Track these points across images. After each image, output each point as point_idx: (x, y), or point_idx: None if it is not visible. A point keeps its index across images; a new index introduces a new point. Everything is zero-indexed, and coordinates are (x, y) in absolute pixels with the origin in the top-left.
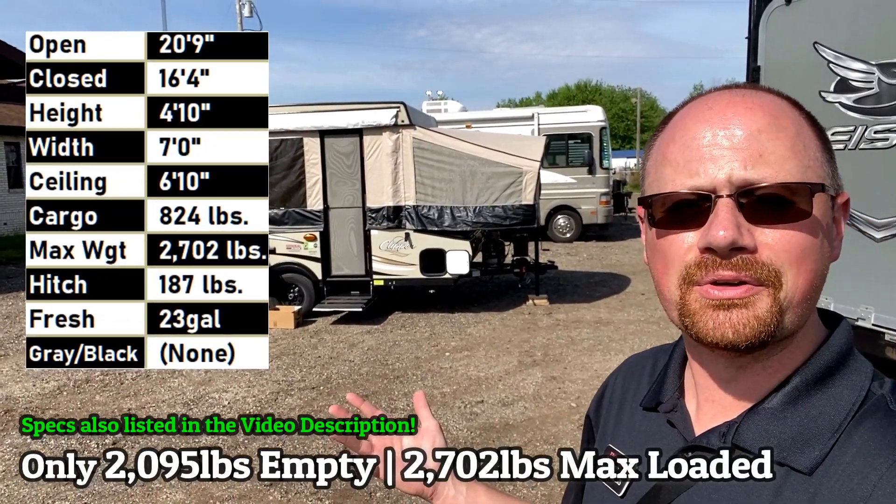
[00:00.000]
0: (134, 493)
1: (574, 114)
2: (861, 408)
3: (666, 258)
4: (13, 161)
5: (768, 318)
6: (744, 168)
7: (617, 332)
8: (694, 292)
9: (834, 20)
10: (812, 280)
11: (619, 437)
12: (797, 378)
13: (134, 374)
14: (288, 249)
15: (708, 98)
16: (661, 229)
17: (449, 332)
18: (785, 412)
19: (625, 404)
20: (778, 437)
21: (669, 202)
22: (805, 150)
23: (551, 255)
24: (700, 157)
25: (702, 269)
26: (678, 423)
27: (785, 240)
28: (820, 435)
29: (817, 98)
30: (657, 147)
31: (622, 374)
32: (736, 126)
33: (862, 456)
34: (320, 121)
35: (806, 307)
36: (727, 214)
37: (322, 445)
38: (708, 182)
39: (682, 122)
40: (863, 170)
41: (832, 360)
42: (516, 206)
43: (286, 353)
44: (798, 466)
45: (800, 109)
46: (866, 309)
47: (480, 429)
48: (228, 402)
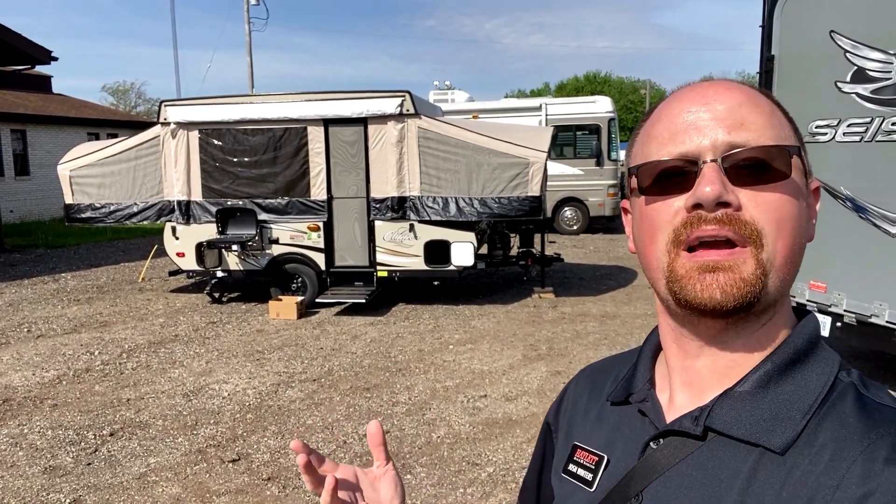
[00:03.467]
0: (130, 487)
1: (582, 104)
2: (830, 394)
3: (654, 225)
4: (19, 149)
5: (753, 280)
6: (728, 133)
7: (623, 325)
8: (681, 257)
9: (851, 8)
10: (791, 245)
11: (586, 433)
12: (769, 363)
13: (134, 365)
14: (291, 240)
15: (688, 85)
16: (649, 197)
17: (453, 325)
18: (757, 395)
19: (591, 405)
20: (750, 418)
21: (656, 171)
22: (780, 125)
23: (557, 247)
24: (686, 128)
25: (688, 227)
26: (649, 411)
27: (766, 201)
28: (791, 416)
29: (833, 88)
30: (643, 130)
31: (582, 379)
32: (717, 102)
33: (834, 440)
34: (324, 109)
35: (786, 273)
36: (713, 174)
37: (322, 440)
38: (694, 148)
39: (666, 107)
40: (879, 162)
41: (801, 347)
42: (522, 197)
43: (288, 344)
44: (771, 446)
45: (772, 98)
46: (880, 306)
47: (483, 424)
48: (229, 393)
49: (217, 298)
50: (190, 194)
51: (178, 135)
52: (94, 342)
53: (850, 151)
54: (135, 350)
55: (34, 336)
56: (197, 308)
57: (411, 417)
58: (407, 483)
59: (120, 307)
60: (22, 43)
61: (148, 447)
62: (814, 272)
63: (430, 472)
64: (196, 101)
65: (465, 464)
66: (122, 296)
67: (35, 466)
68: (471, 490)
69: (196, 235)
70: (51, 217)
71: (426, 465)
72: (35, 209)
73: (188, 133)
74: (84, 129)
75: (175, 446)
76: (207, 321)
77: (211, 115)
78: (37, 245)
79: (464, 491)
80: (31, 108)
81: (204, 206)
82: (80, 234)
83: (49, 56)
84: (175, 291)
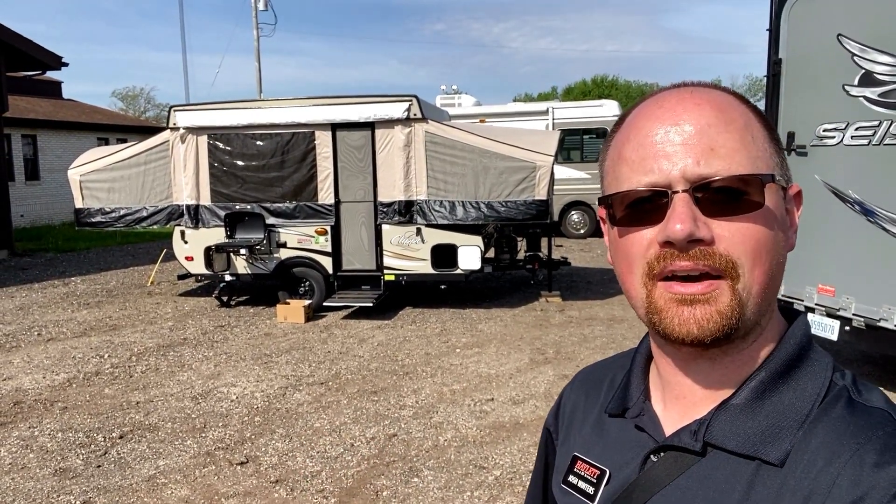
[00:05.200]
0: (139, 489)
1: (589, 108)
2: (825, 399)
3: (628, 256)
4: (30, 154)
5: (729, 312)
6: (696, 163)
7: (631, 329)
8: (658, 288)
9: (859, 12)
10: (768, 271)
11: (586, 445)
12: (763, 372)
13: (143, 368)
14: (299, 243)
15: (658, 97)
16: (621, 227)
17: (460, 329)
18: (753, 406)
19: (588, 414)
20: (748, 431)
21: (627, 200)
22: (754, 142)
23: (564, 251)
24: (654, 154)
25: (661, 262)
26: (647, 426)
27: (740, 232)
28: (788, 427)
29: (841, 91)
30: (613, 146)
31: (578, 384)
32: (686, 122)
33: (826, 445)
34: (332, 114)
35: (765, 298)
36: (683, 209)
37: (329, 443)
38: (663, 178)
39: (635, 122)
40: (887, 166)
41: (793, 353)
42: (529, 201)
43: (296, 348)
44: (769, 459)
45: (747, 104)
46: (889, 310)
47: (490, 427)
48: (237, 396)
49: (225, 302)
50: (199, 198)
51: (187, 139)
52: (103, 345)
53: (858, 155)
54: (144, 353)
55: (44, 339)
56: (205, 312)
57: (418, 421)
58: (414, 486)
59: (129, 311)
60: (33, 49)
61: (157, 450)
62: (822, 276)
63: (437, 476)
64: (205, 107)
65: (472, 467)
66: (131, 299)
67: (45, 469)
68: (478, 493)
69: (205, 239)
70: (61, 221)
71: (433, 468)
72: (45, 213)
73: (197, 138)
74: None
75: (184, 449)
76: (216, 325)
77: (220, 119)
78: (47, 249)
79: (471, 494)
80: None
81: (212, 211)
82: (90, 239)
83: (60, 62)
84: (184, 295)
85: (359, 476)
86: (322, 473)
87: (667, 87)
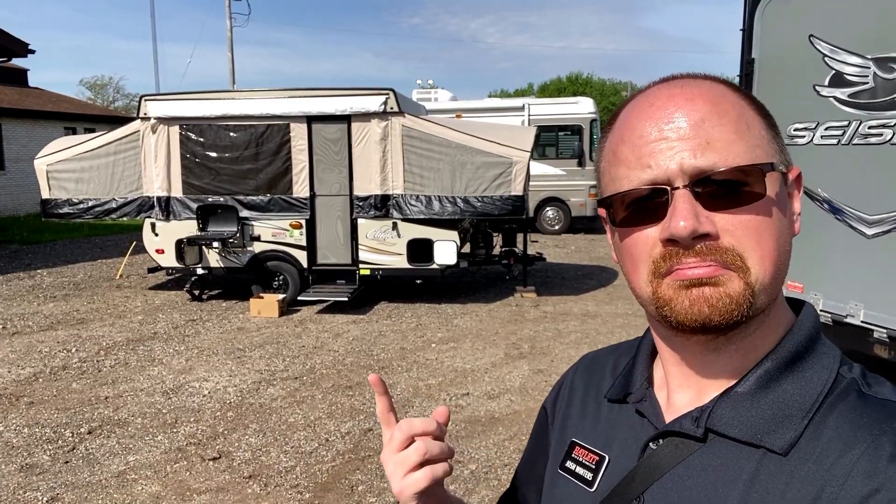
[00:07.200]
0: (108, 485)
1: (565, 105)
2: (832, 391)
3: (633, 257)
4: None
5: (741, 299)
6: (693, 157)
7: (604, 325)
8: (665, 282)
9: (830, 13)
10: (776, 259)
11: (585, 430)
12: (768, 362)
13: (112, 362)
14: (273, 237)
15: (649, 94)
16: (623, 228)
17: (435, 324)
18: (757, 395)
19: (588, 399)
20: (751, 419)
21: (628, 200)
22: (749, 131)
23: (539, 247)
24: (650, 151)
25: (667, 261)
26: (648, 412)
27: (744, 224)
28: (793, 416)
29: (811, 92)
30: (608, 147)
31: (581, 369)
32: (679, 118)
33: (838, 437)
34: (308, 106)
35: (776, 286)
36: (685, 204)
37: (304, 438)
38: (661, 174)
39: (628, 122)
40: (855, 165)
41: (802, 344)
42: (505, 196)
43: (269, 342)
44: (773, 447)
45: (739, 92)
46: (855, 306)
47: (466, 422)
48: (209, 391)
49: (197, 296)
50: (170, 190)
51: (158, 130)
52: (70, 339)
53: (828, 154)
54: (113, 347)
55: (9, 333)
56: (176, 305)
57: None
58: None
59: (97, 304)
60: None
61: (127, 445)
62: (792, 273)
63: None
64: (177, 97)
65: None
66: (99, 293)
67: (11, 465)
68: (453, 487)
69: (176, 232)
70: (26, 212)
71: None
72: (10, 204)
73: (168, 128)
74: (61, 124)
75: (155, 444)
76: (187, 319)
77: (192, 110)
78: (12, 241)
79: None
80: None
81: (184, 203)
82: (57, 230)
83: (26, 49)
84: (154, 289)
85: (334, 471)
86: (296, 468)
87: (656, 82)
